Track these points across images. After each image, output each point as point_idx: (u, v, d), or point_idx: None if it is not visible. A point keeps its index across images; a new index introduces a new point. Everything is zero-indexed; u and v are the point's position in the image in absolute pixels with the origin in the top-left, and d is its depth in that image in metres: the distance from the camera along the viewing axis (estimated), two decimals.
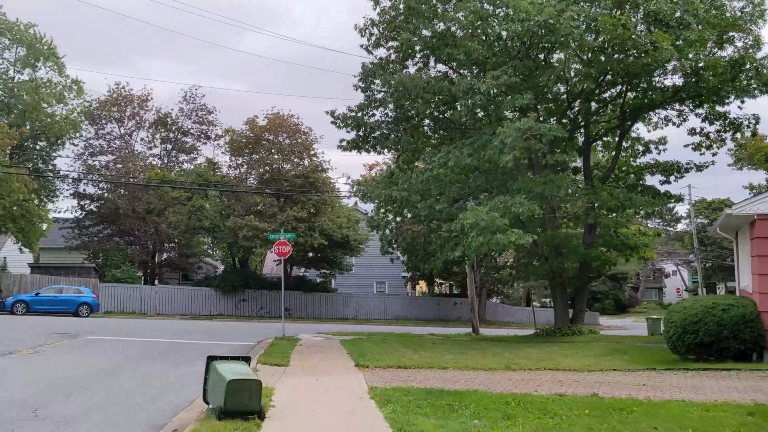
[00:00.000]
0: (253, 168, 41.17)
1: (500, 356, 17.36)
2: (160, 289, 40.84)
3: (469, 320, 47.43)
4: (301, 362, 16.10)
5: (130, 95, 45.46)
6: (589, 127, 27.33)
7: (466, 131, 25.85)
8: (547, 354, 18.02)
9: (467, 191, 24.86)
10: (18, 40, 41.86)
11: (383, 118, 25.27)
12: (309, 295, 44.51)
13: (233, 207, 39.53)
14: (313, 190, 39.73)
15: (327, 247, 41.17)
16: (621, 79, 24.33)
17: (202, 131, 46.71)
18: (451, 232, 22.06)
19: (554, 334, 25.63)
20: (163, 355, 18.06)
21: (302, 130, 41.33)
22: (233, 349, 20.12)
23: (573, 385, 11.99)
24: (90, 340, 20.99)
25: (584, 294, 27.71)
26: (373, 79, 24.31)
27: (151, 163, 45.10)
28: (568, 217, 28.05)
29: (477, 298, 42.83)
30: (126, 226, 42.77)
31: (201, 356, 18.43)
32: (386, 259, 47.35)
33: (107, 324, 28.98)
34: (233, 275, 42.52)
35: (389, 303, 47.38)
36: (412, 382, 12.29)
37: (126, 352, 18.19)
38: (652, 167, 28.03)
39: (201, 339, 23.24)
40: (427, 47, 23.37)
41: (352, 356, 17.20)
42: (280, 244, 23.75)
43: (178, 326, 30.19)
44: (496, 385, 12.07)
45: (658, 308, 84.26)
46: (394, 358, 16.51)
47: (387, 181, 25.88)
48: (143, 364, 15.88)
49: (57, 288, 33.58)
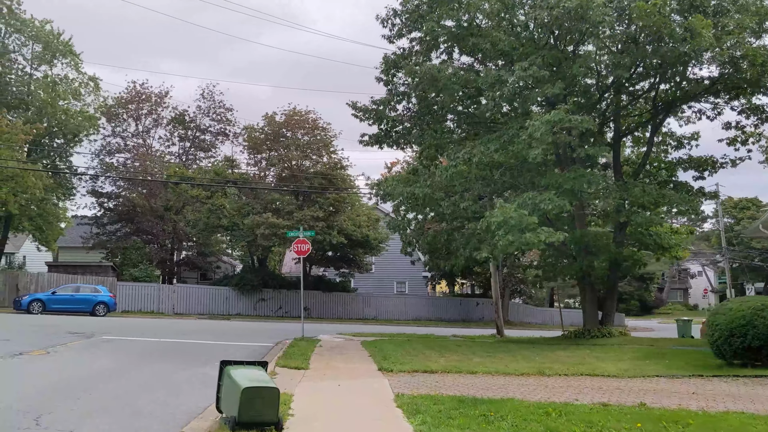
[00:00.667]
0: (271, 164, 40.49)
1: (531, 360, 16.47)
2: (177, 288, 40.33)
3: (491, 321, 46.54)
4: (322, 365, 15.32)
5: (149, 92, 45.03)
6: (619, 121, 26.29)
7: (492, 126, 24.96)
8: (580, 357, 17.09)
9: (492, 188, 23.96)
10: (34, 37, 41.57)
11: (406, 112, 24.41)
12: (328, 295, 43.79)
13: (252, 205, 38.90)
14: (332, 187, 38.99)
15: (346, 246, 40.42)
16: (654, 71, 23.28)
17: (220, 129, 46.18)
18: (475, 230, 21.16)
19: (583, 336, 24.66)
20: (177, 356, 17.40)
21: (321, 126, 40.62)
22: (251, 351, 19.44)
23: (616, 393, 11.07)
24: (104, 341, 20.39)
25: (614, 295, 26.64)
26: (395, 71, 23.48)
27: (168, 161, 44.60)
28: (597, 214, 27.03)
29: (500, 298, 41.92)
30: (144, 225, 42.34)
31: (216, 357, 17.71)
32: (406, 259, 46.48)
33: (123, 323, 28.45)
34: (252, 274, 41.91)
35: (410, 303, 46.54)
36: (441, 389, 11.45)
37: (139, 352, 17.55)
38: (685, 162, 26.90)
39: (218, 340, 22.58)
40: (451, 38, 22.48)
41: (375, 359, 16.40)
42: (299, 242, 23.01)
43: (196, 326, 29.61)
44: (532, 392, 11.19)
45: (683, 309, 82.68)
46: (419, 361, 15.67)
47: (409, 178, 25.03)
48: (156, 366, 15.21)
49: (74, 287, 33.15)
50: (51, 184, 37.09)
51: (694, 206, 24.43)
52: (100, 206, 43.49)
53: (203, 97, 45.65)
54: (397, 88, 23.68)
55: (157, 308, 38.40)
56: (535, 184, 23.93)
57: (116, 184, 43.42)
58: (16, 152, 31.46)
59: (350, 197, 41.04)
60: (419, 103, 24.15)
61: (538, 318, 50.96)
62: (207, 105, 45.63)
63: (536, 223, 19.38)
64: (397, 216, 26.93)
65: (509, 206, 19.39)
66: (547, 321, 50.95)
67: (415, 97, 23.90)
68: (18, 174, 30.51)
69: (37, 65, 42.87)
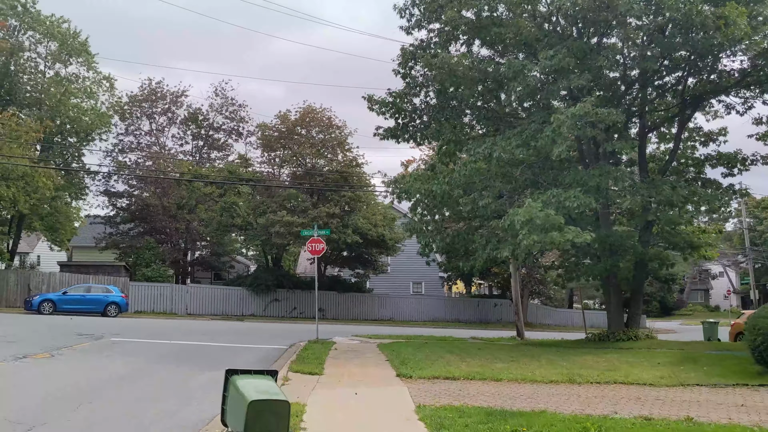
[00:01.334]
0: (285, 161, 39.77)
1: (558, 365, 15.59)
2: (190, 288, 39.74)
3: (509, 322, 45.61)
4: (337, 370, 14.55)
5: (164, 91, 44.49)
6: (644, 116, 25.28)
7: (512, 122, 24.09)
8: (609, 362, 16.20)
9: (513, 186, 23.07)
10: (50, 35, 41.25)
11: (423, 106, 23.56)
12: (343, 296, 43.05)
13: (266, 203, 38.23)
14: (347, 186, 38.24)
15: (362, 246, 39.64)
16: (684, 62, 22.32)
17: (233, 128, 45.54)
18: (496, 229, 20.30)
19: (608, 339, 23.71)
20: (188, 359, 16.74)
21: (336, 123, 39.88)
22: (264, 354, 18.75)
23: (657, 405, 10.20)
24: (113, 343, 19.76)
25: (640, 296, 25.62)
26: (413, 63, 22.65)
27: (181, 160, 44.02)
28: (622, 213, 26.03)
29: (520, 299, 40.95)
30: (157, 224, 41.82)
31: (229, 360, 17.05)
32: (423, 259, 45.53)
33: (135, 324, 27.87)
34: (266, 274, 41.23)
35: (426, 304, 45.69)
36: (465, 398, 10.63)
37: (149, 355, 16.90)
38: (714, 159, 25.83)
39: (230, 341, 21.92)
40: (471, 28, 21.59)
41: (393, 363, 15.61)
42: (314, 241, 22.26)
43: (208, 327, 28.97)
44: (564, 403, 10.35)
45: (704, 311, 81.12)
46: (439, 366, 14.85)
47: (427, 175, 24.19)
48: (165, 370, 14.54)
49: (85, 287, 32.60)
50: (62, 184, 36.67)
51: (725, 204, 23.39)
52: (112, 206, 43.03)
53: (215, 94, 45.10)
54: (415, 81, 22.84)
55: (169, 309, 37.83)
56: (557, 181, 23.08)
57: (129, 183, 42.91)
58: (26, 151, 30.96)
59: (366, 195, 40.26)
60: (437, 97, 23.31)
61: (557, 319, 49.93)
62: (220, 102, 45.05)
63: (562, 222, 18.53)
64: (414, 216, 26.07)
65: (535, 204, 18.53)
66: (566, 322, 49.92)
67: (432, 90, 23.07)
68: (28, 173, 30.04)
69: (51, 63, 42.59)
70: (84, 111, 41.75)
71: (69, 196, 41.90)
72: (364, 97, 23.41)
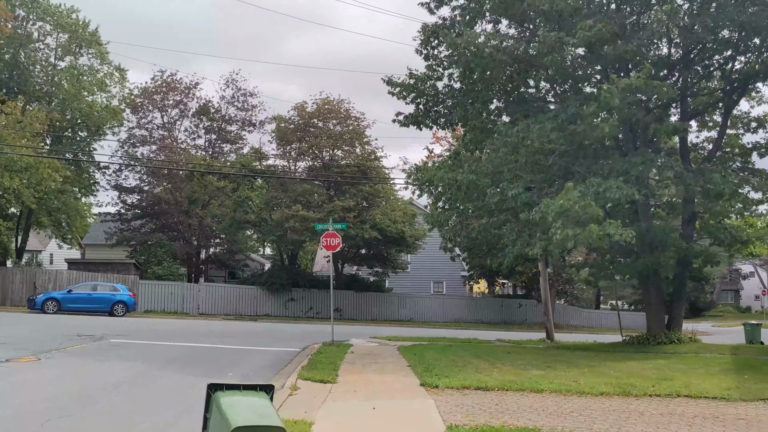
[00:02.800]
0: (300, 153, 38.12)
1: (601, 372, 13.78)
2: (202, 287, 38.24)
3: (535, 323, 43.72)
4: (352, 377, 12.88)
5: (177, 83, 43.08)
6: (686, 100, 23.32)
7: (543, 107, 22.30)
8: (659, 370, 14.36)
9: (544, 176, 21.24)
10: (59, 26, 40.04)
11: (447, 90, 21.81)
12: (361, 295, 41.35)
13: (280, 197, 36.64)
14: (365, 180, 36.56)
15: (380, 243, 37.94)
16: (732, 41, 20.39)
17: (245, 118, 44.01)
18: (530, 221, 18.49)
19: (647, 342, 21.82)
20: (193, 363, 15.18)
21: (353, 115, 38.20)
22: (274, 357, 17.16)
23: (742, 428, 8.38)
24: (113, 345, 18.28)
25: (683, 296, 23.63)
26: (436, 42, 20.91)
27: (194, 154, 42.58)
28: (661, 206, 24.10)
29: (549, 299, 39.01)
30: (169, 220, 40.44)
31: (236, 364, 15.45)
32: (444, 257, 43.60)
33: (141, 325, 26.42)
34: (281, 273, 39.65)
35: (448, 304, 43.87)
36: (505, 415, 8.89)
37: (150, 359, 15.38)
38: (763, 147, 23.77)
39: (241, 344, 20.37)
40: (499, 3, 19.78)
41: (416, 370, 13.90)
42: (329, 235, 20.59)
43: (219, 328, 27.44)
44: (625, 422, 8.57)
45: (735, 312, 78.38)
46: (468, 373, 13.12)
47: (450, 164, 22.44)
48: (166, 376, 12.97)
49: (91, 285, 31.18)
50: (70, 177, 35.30)
51: None
52: (123, 202, 41.65)
53: (227, 85, 43.62)
54: (438, 62, 21.10)
55: (181, 308, 36.38)
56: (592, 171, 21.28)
57: (140, 178, 41.55)
58: (31, 142, 29.56)
59: (385, 190, 38.53)
60: (462, 80, 21.53)
61: (584, 320, 47.83)
62: (231, 93, 43.58)
63: (601, 214, 16.74)
64: (435, 208, 24.32)
65: (573, 194, 16.73)
66: (594, 324, 47.85)
67: (457, 73, 21.31)
68: (32, 165, 28.67)
69: (61, 55, 41.41)
70: (95, 104, 40.47)
71: (79, 191, 40.61)
72: (384, 79, 21.74)
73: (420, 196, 24.49)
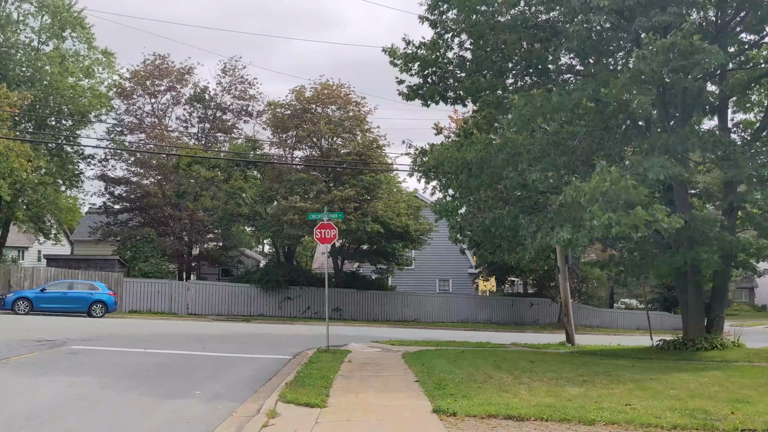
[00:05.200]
0: (298, 142, 35.43)
1: (654, 391, 11.19)
2: (192, 285, 35.62)
3: (547, 324, 41.13)
4: (347, 399, 10.31)
5: (169, 67, 40.38)
6: (725, 75, 20.66)
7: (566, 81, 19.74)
8: (722, 386, 11.78)
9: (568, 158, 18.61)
10: (43, 6, 37.54)
11: (457, 60, 19.16)
12: (363, 294, 38.74)
13: (276, 189, 34.02)
14: (367, 169, 33.95)
15: (383, 238, 35.36)
16: None
17: (242, 107, 41.39)
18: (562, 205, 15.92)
19: (684, 348, 19.23)
20: (157, 377, 12.62)
21: (354, 100, 35.54)
22: (260, 366, 14.63)
23: None
24: (72, 352, 15.74)
25: (724, 295, 20.98)
26: (444, 7, 18.27)
27: (186, 143, 39.94)
28: (698, 193, 21.45)
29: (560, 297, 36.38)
30: (158, 214, 37.85)
31: (213, 377, 12.75)
32: (451, 253, 41.18)
33: (119, 327, 23.84)
34: (276, 270, 37.03)
35: (455, 303, 41.23)
36: None
37: (109, 372, 12.85)
38: None
39: (225, 350, 17.83)
40: None
41: (425, 386, 11.34)
42: (323, 226, 17.99)
43: (206, 330, 24.83)
44: None
45: (750, 311, 75.81)
46: (490, 393, 10.56)
47: (459, 143, 19.82)
48: (118, 396, 10.42)
49: (67, 283, 28.55)
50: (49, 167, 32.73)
51: None
52: (111, 195, 39.02)
53: (224, 72, 40.95)
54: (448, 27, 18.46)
55: (168, 308, 33.78)
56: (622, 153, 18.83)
57: (127, 169, 38.95)
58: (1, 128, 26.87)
59: (388, 180, 35.88)
60: (474, 51, 18.91)
61: (599, 320, 45.10)
62: (228, 81, 40.92)
63: (646, 193, 14.20)
64: (444, 196, 21.68)
65: (612, 173, 14.19)
66: (609, 324, 45.18)
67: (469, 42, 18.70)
68: (1, 153, 26.05)
69: (45, 39, 38.93)
70: (81, 90, 37.92)
71: (63, 183, 38.09)
72: (385, 49, 19.10)
73: (427, 183, 21.79)
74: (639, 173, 15.06)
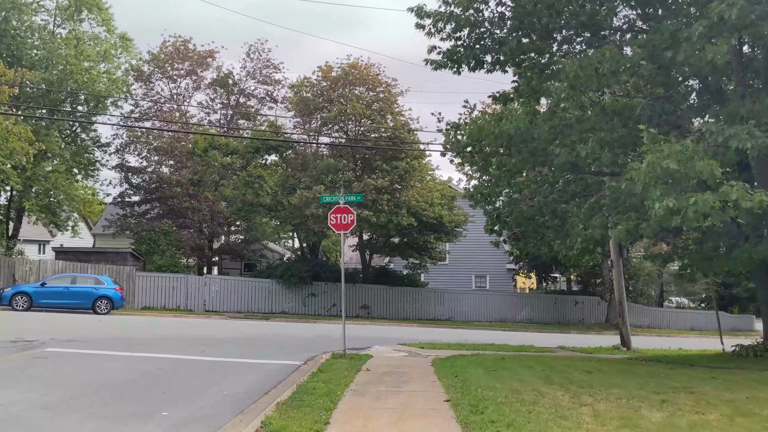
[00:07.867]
0: (324, 124, 32.87)
1: (763, 417, 8.39)
2: (209, 280, 33.36)
3: (594, 324, 38.01)
4: (353, 427, 7.72)
5: (190, 50, 38.31)
6: None
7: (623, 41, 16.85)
8: None
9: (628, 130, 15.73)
10: None
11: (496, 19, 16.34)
12: (393, 290, 36.11)
13: (298, 177, 31.56)
14: (401, 153, 31.29)
15: (415, 230, 32.69)
16: None
17: (267, 92, 39.08)
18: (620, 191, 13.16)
19: (766, 355, 16.32)
20: (129, 390, 10.22)
21: (384, 81, 32.86)
22: (262, 375, 12.16)
23: None
24: (47, 356, 13.46)
25: None
26: None
27: (206, 128, 37.77)
28: None
29: (610, 295, 33.32)
30: (177, 205, 35.76)
31: (199, 391, 10.27)
32: (488, 248, 38.22)
33: (118, 326, 21.63)
34: (300, 264, 34.60)
35: (492, 301, 38.36)
36: None
37: (71, 384, 10.53)
38: None
39: (228, 354, 15.41)
40: None
41: (458, 408, 8.75)
42: (339, 210, 15.43)
43: (216, 330, 22.50)
44: None
45: None
46: (544, 419, 7.91)
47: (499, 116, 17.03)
48: (52, 422, 7.97)
49: (70, 277, 26.40)
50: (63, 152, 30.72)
51: None
52: (128, 182, 37.06)
53: (248, 56, 38.70)
54: None
55: (184, 304, 31.58)
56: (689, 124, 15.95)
57: (145, 157, 36.92)
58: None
59: (420, 167, 33.11)
60: (516, 7, 16.09)
61: (647, 320, 41.71)
62: (253, 65, 38.66)
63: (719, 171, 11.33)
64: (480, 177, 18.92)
65: (674, 146, 11.41)
66: (660, 324, 41.82)
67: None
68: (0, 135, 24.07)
69: (61, 21, 37.26)
70: (97, 74, 36.05)
71: (78, 172, 36.29)
72: (411, 8, 16.40)
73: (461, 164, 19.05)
74: (718, 144, 12.16)
